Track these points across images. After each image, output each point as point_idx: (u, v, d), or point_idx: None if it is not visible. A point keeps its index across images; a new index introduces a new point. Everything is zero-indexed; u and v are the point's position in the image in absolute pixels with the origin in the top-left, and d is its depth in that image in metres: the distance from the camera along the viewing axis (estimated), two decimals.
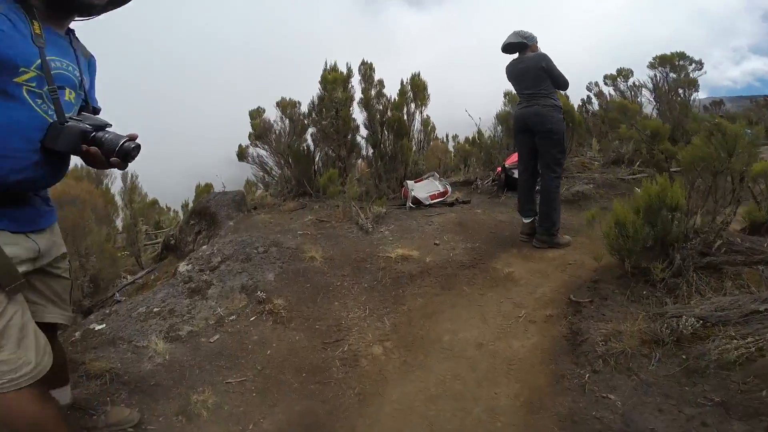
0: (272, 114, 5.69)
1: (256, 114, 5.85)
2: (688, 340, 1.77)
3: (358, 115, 5.23)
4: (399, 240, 3.50)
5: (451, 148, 9.32)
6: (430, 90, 5.11)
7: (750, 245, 2.26)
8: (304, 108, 5.34)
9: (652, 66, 4.98)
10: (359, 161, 5.55)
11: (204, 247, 3.59)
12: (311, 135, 5.23)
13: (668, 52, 4.88)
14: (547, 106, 3.05)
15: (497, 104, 6.52)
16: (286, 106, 5.44)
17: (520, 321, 2.42)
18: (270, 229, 3.85)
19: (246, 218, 4.35)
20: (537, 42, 3.23)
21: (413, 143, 4.98)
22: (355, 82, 5.28)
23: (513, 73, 3.26)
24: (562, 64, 3.18)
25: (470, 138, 7.77)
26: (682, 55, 4.81)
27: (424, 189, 4.54)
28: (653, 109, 5.22)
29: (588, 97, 7.55)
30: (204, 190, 9.59)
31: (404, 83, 5.08)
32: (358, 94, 5.30)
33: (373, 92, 5.28)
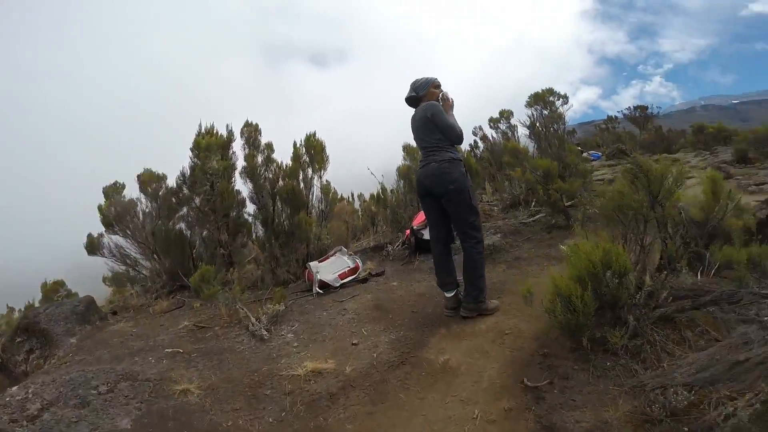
0: (135, 191, 4.64)
1: (112, 191, 4.70)
2: (684, 412, 1.58)
3: (244, 187, 4.51)
4: (307, 346, 2.75)
5: (358, 207, 9.07)
6: (332, 150, 4.63)
7: (692, 286, 2.14)
8: (171, 182, 4.43)
9: (528, 105, 5.31)
10: (249, 243, 4.71)
11: (13, 389, 2.46)
12: (185, 215, 4.31)
13: (540, 90, 5.25)
14: (443, 161, 2.66)
15: (399, 158, 6.43)
16: (148, 181, 4.44)
17: (477, 424, 1.91)
18: (126, 348, 2.95)
19: (97, 330, 3.41)
20: (432, 87, 2.87)
21: (313, 215, 4.37)
22: (238, 146, 4.63)
23: (412, 127, 2.97)
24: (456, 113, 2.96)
25: (375, 195, 7.60)
26: (551, 92, 5.22)
27: (331, 268, 3.92)
28: (534, 147, 5.51)
29: (475, 141, 8.07)
30: (51, 289, 7.46)
31: (298, 146, 4.55)
32: (241, 162, 4.61)
33: (260, 158, 4.63)
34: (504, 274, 3.55)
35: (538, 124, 5.12)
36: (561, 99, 5.07)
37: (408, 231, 4.37)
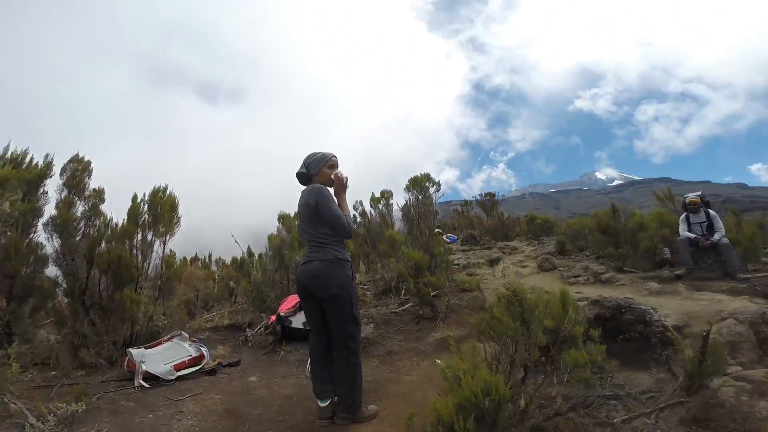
0: None
1: None
2: None
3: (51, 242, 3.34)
4: None
5: (215, 270, 7.81)
6: (201, 196, 3.86)
7: (555, 393, 2.20)
8: None
9: (407, 189, 5.50)
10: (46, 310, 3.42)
11: None
12: None
13: (418, 174, 5.50)
14: (327, 260, 2.30)
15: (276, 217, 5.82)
16: None
17: None
18: None
19: None
20: (326, 167, 2.49)
21: (146, 288, 3.41)
22: (55, 186, 3.51)
23: (298, 212, 2.55)
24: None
25: (238, 260, 6.68)
26: (427, 177, 5.54)
27: (163, 357, 3.02)
28: (405, 231, 5.67)
29: (354, 216, 8.03)
30: None
31: (139, 201, 3.61)
32: (51, 208, 3.47)
33: (81, 208, 3.54)
34: (378, 370, 3.25)
35: (413, 210, 5.33)
36: (435, 186, 5.43)
37: (273, 317, 3.76)
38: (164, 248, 3.48)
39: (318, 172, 2.48)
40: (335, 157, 2.53)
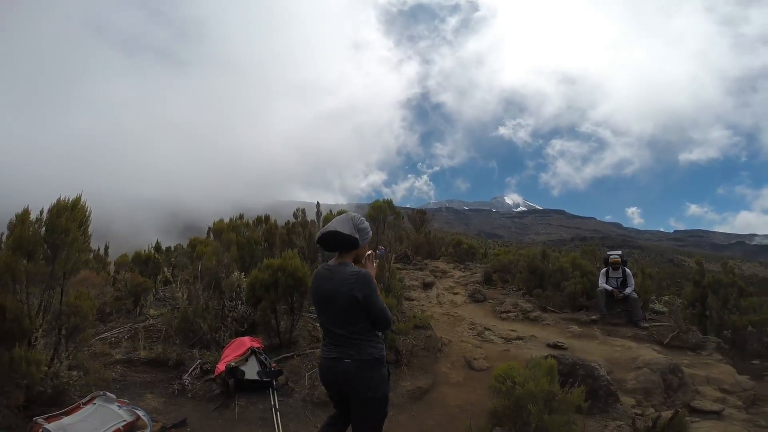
0: None
1: None
2: None
3: None
4: None
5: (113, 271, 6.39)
6: (106, 163, 2.95)
7: None
8: None
9: (369, 216, 5.25)
10: None
11: None
12: None
13: (381, 200, 5.31)
14: (363, 361, 1.90)
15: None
16: None
17: None
18: None
19: None
20: (370, 238, 2.02)
21: (41, 337, 2.56)
22: None
23: (318, 293, 1.97)
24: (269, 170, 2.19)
25: (143, 254, 5.51)
26: (389, 204, 5.36)
27: (88, 426, 2.30)
28: None
29: (292, 224, 7.42)
30: None
31: (34, 219, 2.60)
32: None
33: None
34: None
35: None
36: (394, 215, 5.28)
37: (221, 367, 3.14)
38: (65, 282, 2.56)
39: (364, 244, 1.99)
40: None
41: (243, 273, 4.71)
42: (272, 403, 3.03)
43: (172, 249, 10.08)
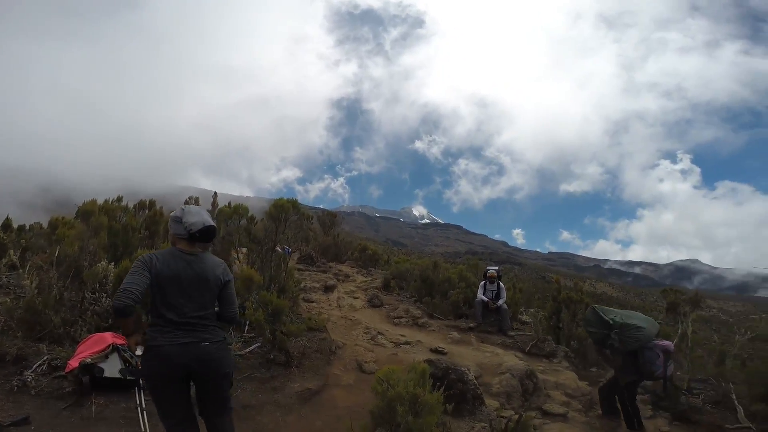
0: None
1: None
2: None
3: None
4: None
5: None
6: None
7: None
8: None
9: (269, 215, 5.00)
10: None
11: None
12: None
13: (285, 199, 5.10)
14: (218, 342, 2.11)
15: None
16: None
17: None
18: None
19: None
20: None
21: None
22: None
23: (182, 275, 2.03)
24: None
25: None
26: (294, 204, 5.18)
27: None
28: (255, 258, 5.17)
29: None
30: None
31: None
32: None
33: None
34: (239, 430, 2.80)
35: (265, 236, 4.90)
36: (299, 215, 5.18)
37: (73, 363, 2.71)
38: None
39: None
40: None
41: (114, 263, 4.14)
42: (138, 402, 2.73)
43: (27, 228, 8.45)
